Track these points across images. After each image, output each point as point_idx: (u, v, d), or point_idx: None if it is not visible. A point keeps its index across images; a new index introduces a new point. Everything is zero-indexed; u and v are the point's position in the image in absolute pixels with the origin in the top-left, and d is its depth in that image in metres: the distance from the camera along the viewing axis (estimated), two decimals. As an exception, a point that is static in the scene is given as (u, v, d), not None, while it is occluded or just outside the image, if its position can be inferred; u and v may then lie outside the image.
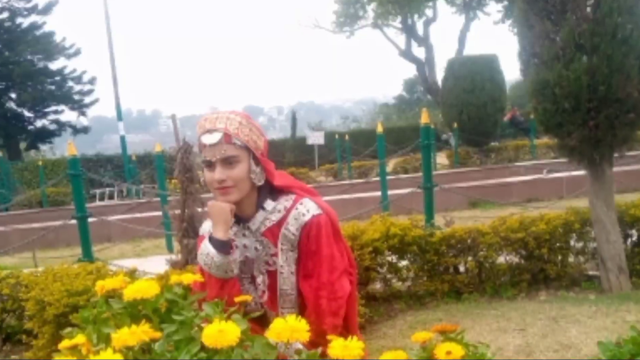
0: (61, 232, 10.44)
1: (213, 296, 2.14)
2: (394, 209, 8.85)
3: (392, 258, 4.80)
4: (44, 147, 39.19)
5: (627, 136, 4.37)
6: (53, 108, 36.64)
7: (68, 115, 39.08)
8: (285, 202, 2.42)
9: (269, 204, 2.40)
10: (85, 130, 38.69)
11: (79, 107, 37.21)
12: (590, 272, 4.96)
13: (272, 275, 2.43)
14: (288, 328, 1.25)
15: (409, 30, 35.43)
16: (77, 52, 36.96)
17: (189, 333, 1.34)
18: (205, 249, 2.31)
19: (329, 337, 1.32)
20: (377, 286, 4.88)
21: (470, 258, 4.80)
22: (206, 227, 2.54)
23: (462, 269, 4.89)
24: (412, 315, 4.45)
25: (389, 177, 11.38)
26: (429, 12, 35.23)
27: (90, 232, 5.62)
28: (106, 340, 1.36)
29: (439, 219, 5.65)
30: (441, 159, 20.25)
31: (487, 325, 3.95)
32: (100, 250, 8.69)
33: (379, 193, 10.39)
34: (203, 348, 1.26)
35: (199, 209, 4.92)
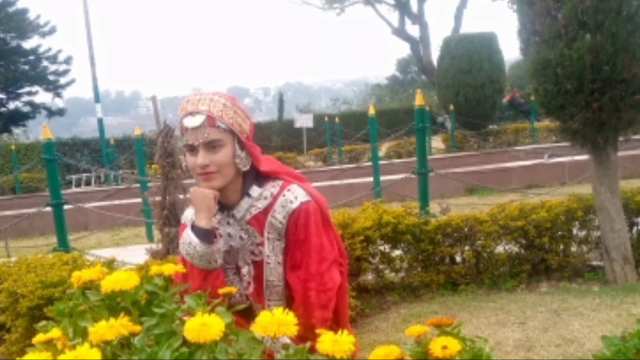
0: (35, 220, 10.42)
1: (196, 288, 2.13)
2: (386, 195, 8.87)
3: (385, 247, 4.80)
4: (17, 131, 38.89)
5: (632, 119, 4.38)
6: (27, 89, 36.32)
7: (42, 96, 38.97)
8: (271, 188, 2.41)
9: (254, 190, 2.39)
10: (60, 112, 38.45)
11: (54, 88, 36.92)
12: (594, 262, 4.98)
13: (258, 266, 2.42)
14: (275, 321, 1.24)
15: (402, 7, 35.31)
16: (52, 30, 36.64)
17: (170, 327, 1.34)
18: (188, 237, 2.30)
19: (318, 331, 1.32)
20: (369, 277, 4.88)
21: (467, 247, 4.81)
22: (188, 215, 2.53)
23: (458, 259, 4.90)
24: (405, 308, 4.46)
25: (381, 162, 11.38)
26: (424, -12, 35.15)
27: (66, 220, 5.61)
28: (83, 334, 1.35)
29: (434, 206, 5.67)
30: (436, 142, 20.31)
31: (485, 319, 3.97)
32: (77, 239, 8.68)
33: (371, 179, 10.38)
34: (185, 342, 1.25)
35: (181, 196, 4.92)
